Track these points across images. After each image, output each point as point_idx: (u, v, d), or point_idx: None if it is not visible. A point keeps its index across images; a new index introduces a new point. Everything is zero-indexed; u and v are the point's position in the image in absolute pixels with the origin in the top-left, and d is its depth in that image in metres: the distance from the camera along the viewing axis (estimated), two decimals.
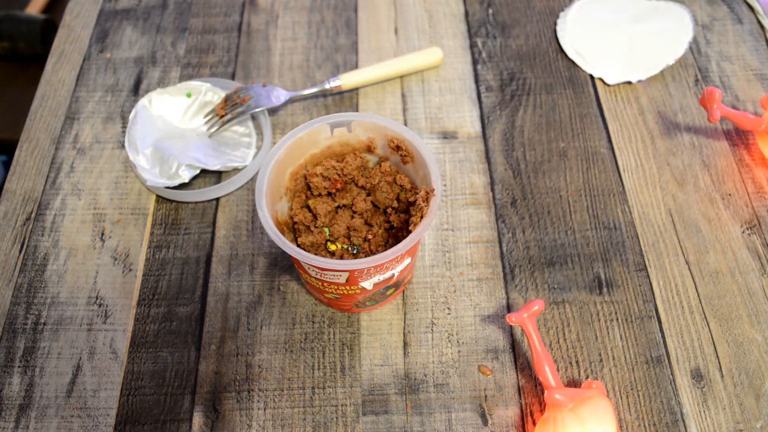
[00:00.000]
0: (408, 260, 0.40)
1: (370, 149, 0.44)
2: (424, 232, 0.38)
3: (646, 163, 0.53)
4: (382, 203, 0.44)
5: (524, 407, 0.42)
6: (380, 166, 0.43)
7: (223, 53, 0.61)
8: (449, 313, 0.46)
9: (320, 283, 0.41)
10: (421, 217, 0.39)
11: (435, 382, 0.44)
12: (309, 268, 0.39)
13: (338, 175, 0.43)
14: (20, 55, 0.97)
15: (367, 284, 0.40)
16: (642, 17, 0.61)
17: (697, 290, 0.46)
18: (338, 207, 0.44)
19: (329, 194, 0.44)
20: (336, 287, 0.40)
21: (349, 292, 0.41)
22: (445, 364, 0.44)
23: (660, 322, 0.45)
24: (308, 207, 0.44)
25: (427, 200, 0.39)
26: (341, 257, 0.43)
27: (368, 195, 0.44)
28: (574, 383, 0.43)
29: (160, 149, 0.53)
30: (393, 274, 0.40)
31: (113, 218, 0.51)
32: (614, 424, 0.38)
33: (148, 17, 0.64)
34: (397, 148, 0.42)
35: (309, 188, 0.44)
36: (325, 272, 0.38)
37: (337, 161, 0.44)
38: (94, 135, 0.56)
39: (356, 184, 0.44)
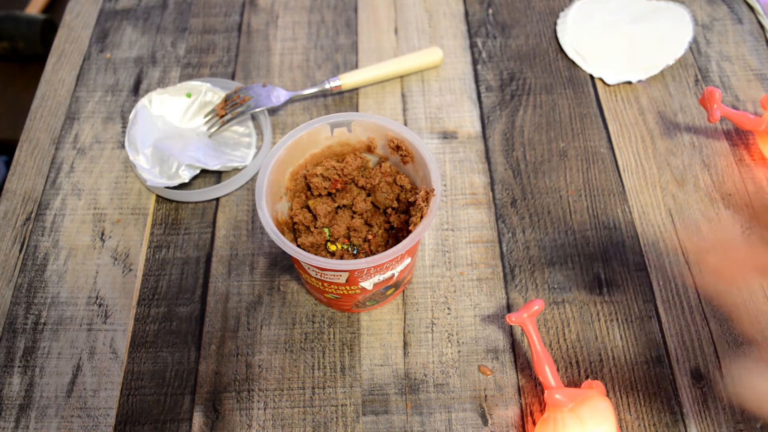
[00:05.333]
0: (408, 260, 0.40)
1: (370, 149, 0.44)
2: (424, 232, 0.38)
3: (646, 163, 0.53)
4: (382, 203, 0.44)
5: (524, 407, 0.42)
6: (380, 166, 0.43)
7: (223, 53, 0.61)
8: (449, 313, 0.46)
9: (320, 283, 0.41)
10: (421, 217, 0.39)
11: (435, 382, 0.44)
12: (309, 268, 0.39)
13: (338, 175, 0.43)
14: (20, 55, 0.97)
15: (367, 284, 0.40)
16: (642, 17, 0.61)
17: (697, 290, 0.46)
18: (338, 207, 0.44)
19: (329, 194, 0.44)
20: (336, 287, 0.40)
21: (349, 292, 0.41)
22: (445, 364, 0.44)
23: (660, 322, 0.45)
24: (308, 207, 0.44)
25: (427, 200, 0.39)
26: (341, 257, 0.43)
27: (368, 195, 0.44)
28: (574, 383, 0.43)
29: (160, 149, 0.53)
30: (393, 274, 0.40)
31: (113, 218, 0.51)
32: (614, 424, 0.38)
33: (148, 17, 0.64)
34: (397, 148, 0.42)
35: (309, 188, 0.44)
36: (325, 272, 0.38)
37: (337, 161, 0.44)
38: (94, 135, 0.56)
39: (356, 185, 0.44)
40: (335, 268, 0.37)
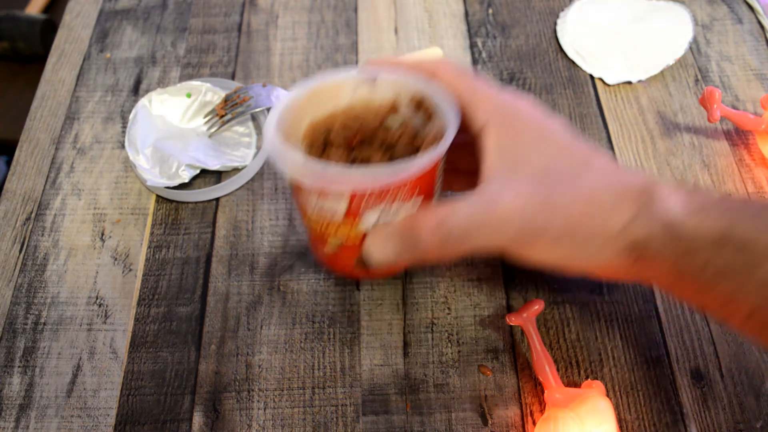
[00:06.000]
0: (419, 199, 0.38)
1: (393, 107, 0.43)
2: (438, 156, 0.36)
3: (646, 163, 0.53)
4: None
5: (524, 407, 0.42)
6: (403, 124, 0.42)
7: (223, 53, 0.61)
8: (449, 313, 0.46)
9: (320, 225, 0.39)
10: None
11: (435, 382, 0.44)
12: (309, 196, 0.37)
13: (358, 130, 0.41)
14: (20, 55, 0.97)
15: (370, 218, 0.37)
16: (642, 17, 0.61)
17: None
18: (354, 161, 0.42)
19: (347, 149, 0.42)
20: (336, 228, 0.38)
21: (350, 234, 0.39)
22: (445, 364, 0.44)
23: (660, 322, 0.45)
24: (324, 159, 0.42)
25: (438, 138, 0.37)
26: None
27: (387, 151, 0.42)
28: (574, 383, 0.43)
29: (160, 149, 0.53)
30: (399, 210, 0.37)
31: (113, 218, 0.51)
32: (614, 424, 0.38)
33: (148, 17, 0.64)
34: (419, 104, 0.41)
35: (326, 144, 0.42)
36: (326, 198, 0.36)
37: (358, 117, 0.42)
38: (94, 135, 0.56)
39: (376, 140, 0.42)
40: (336, 177, 0.35)
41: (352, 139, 0.41)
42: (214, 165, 0.52)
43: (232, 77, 0.59)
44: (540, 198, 0.34)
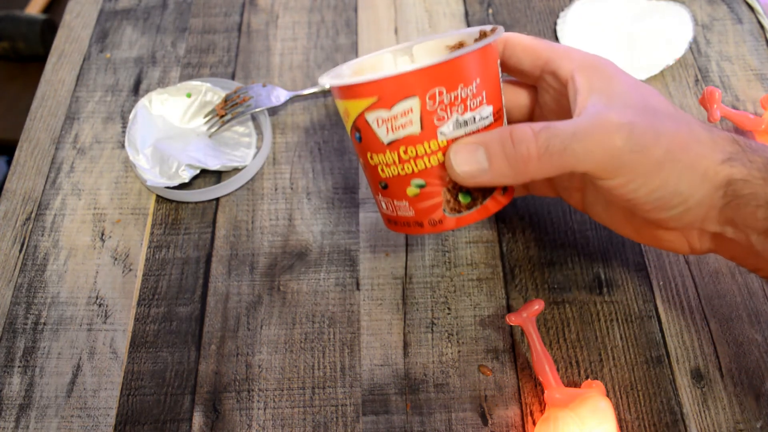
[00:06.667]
0: (489, 109, 0.37)
1: None
2: (491, 42, 0.36)
3: None
4: None
5: (524, 407, 0.42)
6: None
7: (223, 53, 0.61)
8: (449, 313, 0.46)
9: (396, 160, 0.36)
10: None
11: (435, 382, 0.44)
12: (376, 123, 0.35)
13: None
14: (20, 55, 0.98)
15: (448, 128, 0.35)
16: (642, 17, 0.61)
17: (697, 290, 0.46)
18: None
19: None
20: (415, 155, 0.36)
21: (431, 160, 0.36)
22: (445, 364, 0.44)
23: (660, 322, 0.45)
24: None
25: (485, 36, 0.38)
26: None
27: None
28: (574, 383, 0.43)
29: (160, 149, 0.53)
30: (474, 118, 0.36)
31: (113, 218, 0.51)
32: (614, 424, 0.38)
33: (148, 17, 0.64)
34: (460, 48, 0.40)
35: None
36: (395, 119, 0.34)
37: None
38: (94, 135, 0.56)
39: None
40: (399, 72, 0.34)
41: None
42: (214, 165, 0.52)
43: (232, 77, 0.59)
44: (645, 121, 0.33)
